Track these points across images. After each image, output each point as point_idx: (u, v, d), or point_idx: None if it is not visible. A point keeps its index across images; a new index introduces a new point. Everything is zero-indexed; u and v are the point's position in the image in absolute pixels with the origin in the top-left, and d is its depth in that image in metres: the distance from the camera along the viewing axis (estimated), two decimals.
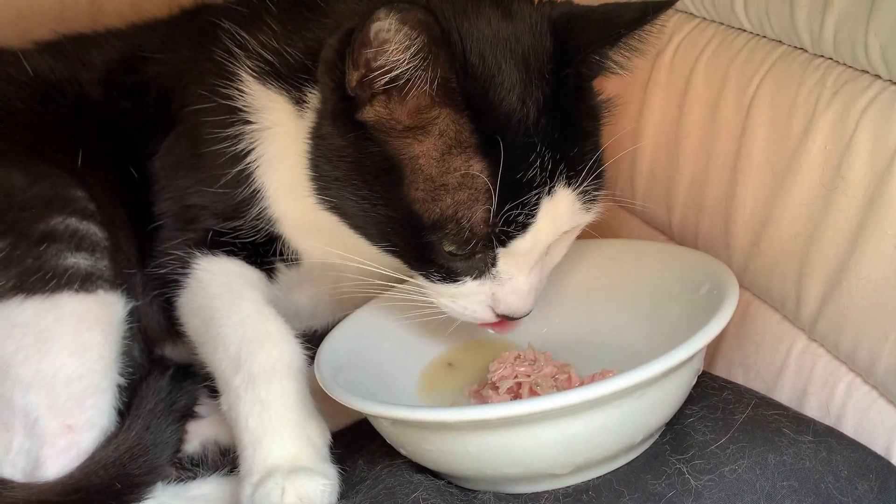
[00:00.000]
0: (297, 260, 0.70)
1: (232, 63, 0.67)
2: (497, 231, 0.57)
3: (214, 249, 0.68)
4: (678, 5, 0.76)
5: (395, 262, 0.62)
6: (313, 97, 0.63)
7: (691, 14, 0.75)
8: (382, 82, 0.55)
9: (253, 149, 0.67)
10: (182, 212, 0.70)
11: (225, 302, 0.64)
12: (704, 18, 0.74)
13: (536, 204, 0.57)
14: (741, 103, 0.68)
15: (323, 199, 0.61)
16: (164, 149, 0.71)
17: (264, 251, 0.69)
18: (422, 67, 0.54)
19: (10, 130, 0.68)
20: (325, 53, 0.58)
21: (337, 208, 0.61)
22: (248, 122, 0.67)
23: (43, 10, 0.92)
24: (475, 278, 0.60)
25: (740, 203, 0.68)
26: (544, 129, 0.57)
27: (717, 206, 0.71)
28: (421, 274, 0.61)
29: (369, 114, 0.57)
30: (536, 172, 0.56)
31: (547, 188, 0.57)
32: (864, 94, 0.58)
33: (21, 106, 0.70)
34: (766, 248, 0.66)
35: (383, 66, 0.54)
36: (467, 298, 0.61)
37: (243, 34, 0.66)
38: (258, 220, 0.67)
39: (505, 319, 0.62)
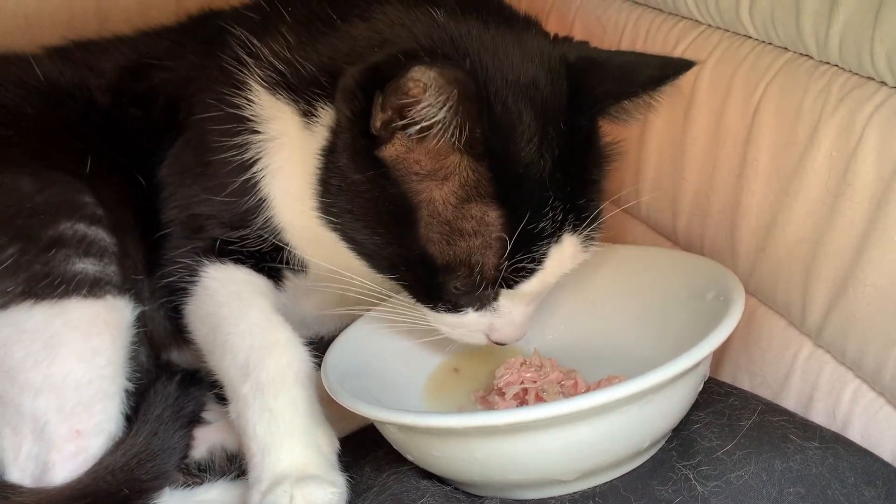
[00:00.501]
0: (304, 268, 0.71)
1: (241, 71, 0.67)
2: (505, 276, 0.58)
3: (222, 257, 0.68)
4: (683, 12, 0.76)
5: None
6: (325, 113, 0.63)
7: (696, 21, 0.75)
8: (410, 132, 0.55)
9: (259, 158, 0.67)
10: (189, 220, 0.70)
11: (233, 310, 0.64)
12: (709, 25, 0.74)
13: (545, 253, 0.58)
14: (747, 110, 0.68)
15: (329, 221, 0.61)
16: (171, 157, 0.71)
17: (271, 259, 0.69)
18: (451, 120, 0.54)
19: (19, 136, 0.69)
20: (344, 82, 0.58)
21: (344, 234, 0.61)
22: (256, 132, 0.67)
23: (51, 16, 0.92)
24: (477, 310, 0.61)
25: (746, 209, 0.68)
26: (558, 182, 0.57)
27: (723, 212, 0.71)
28: (426, 306, 0.62)
29: (389, 151, 0.57)
30: (548, 224, 0.57)
31: (556, 237, 0.58)
32: (870, 101, 0.58)
33: (31, 111, 0.71)
34: (771, 255, 0.66)
35: (412, 116, 0.54)
36: (466, 328, 0.63)
37: (255, 42, 0.66)
38: (264, 228, 0.68)
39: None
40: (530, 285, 0.59)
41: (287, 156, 0.66)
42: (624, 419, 0.53)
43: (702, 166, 0.73)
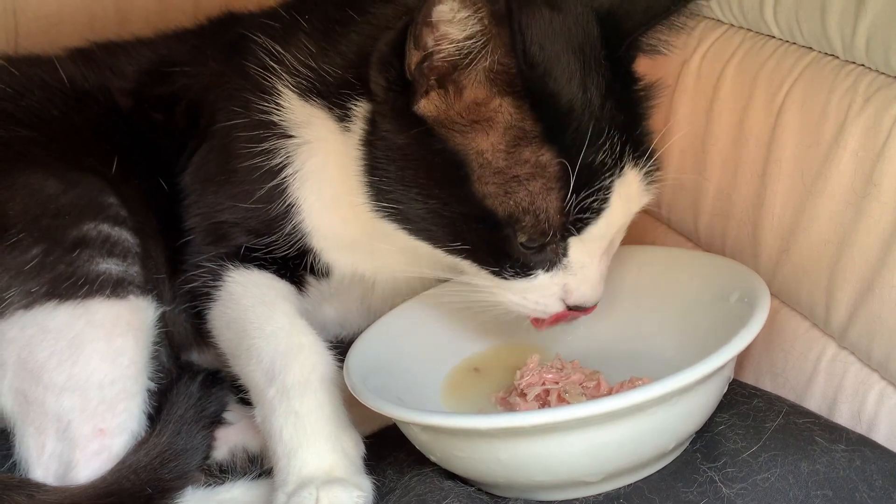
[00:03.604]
0: (327, 273, 0.71)
1: (269, 78, 0.67)
2: (573, 219, 0.57)
3: (246, 263, 0.68)
4: (706, 12, 0.75)
5: (443, 260, 0.61)
6: (359, 108, 0.63)
7: (719, 21, 0.75)
8: (441, 56, 0.55)
9: (289, 163, 0.66)
10: (213, 228, 0.70)
11: (258, 314, 0.64)
12: (732, 25, 0.74)
13: (609, 188, 0.57)
14: (770, 109, 0.67)
15: (381, 206, 0.60)
16: (194, 164, 0.71)
17: (294, 265, 0.69)
18: (480, 48, 0.54)
19: (45, 137, 0.69)
20: (378, 53, 0.58)
21: (398, 214, 0.60)
22: (287, 137, 0.66)
23: (72, 17, 0.93)
24: (547, 270, 0.59)
25: (769, 210, 0.68)
26: (610, 113, 0.57)
27: (745, 212, 0.70)
28: (492, 271, 0.60)
29: (427, 108, 0.57)
30: (607, 155, 0.56)
31: (618, 170, 0.57)
32: None
33: (55, 113, 0.71)
34: (795, 256, 0.66)
35: (443, 42, 0.54)
36: (539, 292, 0.60)
37: (279, 49, 0.66)
38: (291, 234, 0.67)
39: (574, 311, 0.61)
40: (599, 227, 0.58)
41: (320, 160, 0.66)
42: (650, 421, 0.53)
43: (724, 166, 0.73)
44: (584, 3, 0.60)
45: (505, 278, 0.59)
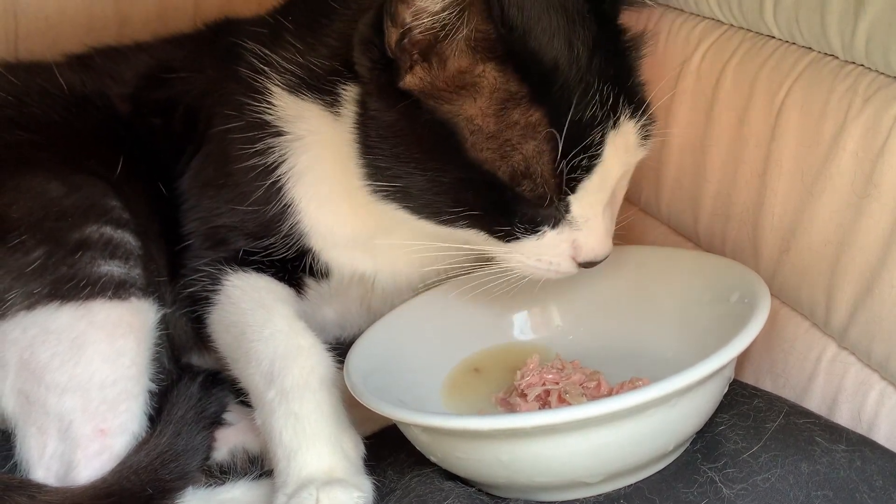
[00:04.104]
0: (326, 274, 0.71)
1: (260, 79, 0.67)
2: (567, 177, 0.57)
3: (244, 266, 0.68)
4: (705, 12, 0.75)
5: (453, 234, 0.61)
6: (348, 92, 0.63)
7: (719, 21, 0.75)
8: (420, 30, 0.55)
9: (283, 161, 0.67)
10: (211, 233, 0.70)
11: (257, 317, 0.65)
12: (732, 25, 0.74)
13: (601, 141, 0.57)
14: (770, 110, 0.67)
15: (381, 185, 0.60)
16: (192, 169, 0.72)
17: (293, 267, 0.69)
18: (456, 17, 0.54)
19: (47, 141, 0.70)
20: (358, 34, 0.58)
21: (399, 191, 0.60)
22: (280, 134, 0.67)
23: (71, 19, 0.93)
24: (553, 227, 0.59)
25: (769, 210, 0.68)
26: (599, 67, 0.57)
27: (745, 213, 0.71)
28: (503, 232, 0.59)
29: (412, 81, 0.57)
30: (597, 109, 0.56)
31: (612, 121, 0.57)
32: None
33: (57, 118, 0.72)
34: (795, 256, 0.66)
35: (419, 18, 0.54)
36: (550, 251, 0.60)
37: (267, 52, 0.67)
38: (289, 235, 0.68)
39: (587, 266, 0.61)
40: (594, 181, 0.57)
41: (315, 155, 0.67)
42: (650, 422, 0.53)
43: (724, 166, 0.73)
44: None
45: (515, 237, 0.59)
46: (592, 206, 0.59)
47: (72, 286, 0.63)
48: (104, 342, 0.63)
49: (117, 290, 0.64)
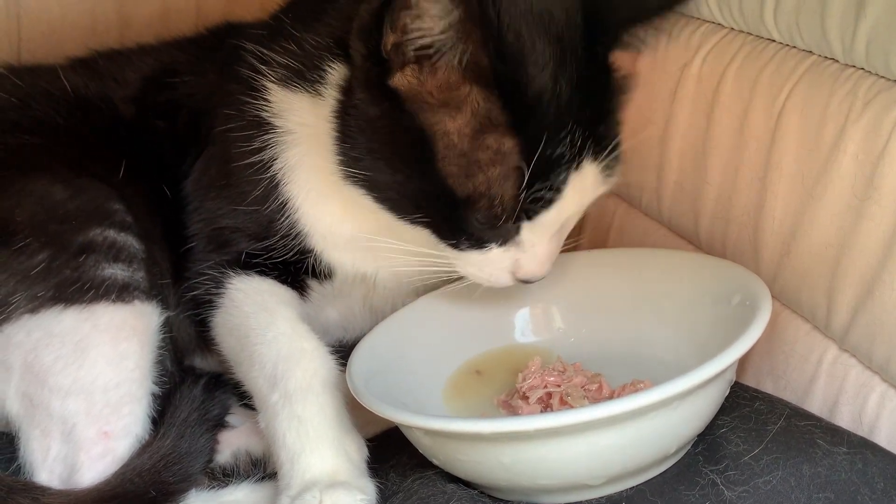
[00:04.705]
0: (330, 275, 0.71)
1: (257, 77, 0.68)
2: (526, 207, 0.58)
3: (248, 269, 0.69)
4: (706, 16, 0.76)
5: (423, 239, 0.62)
6: (334, 73, 0.63)
7: (719, 24, 0.75)
8: (414, 47, 0.56)
9: (277, 157, 0.67)
10: (215, 234, 0.70)
11: (260, 320, 0.65)
12: (732, 29, 0.74)
13: (565, 180, 0.58)
14: (770, 113, 0.68)
15: (351, 172, 0.61)
16: (196, 171, 0.72)
17: (295, 269, 0.70)
18: (453, 40, 0.55)
19: (51, 144, 0.70)
20: (360, 20, 0.58)
21: (366, 181, 0.61)
22: (273, 128, 0.67)
23: (74, 23, 0.93)
24: (500, 245, 0.61)
25: (769, 213, 0.68)
26: (576, 107, 0.57)
27: (746, 215, 0.71)
28: (450, 243, 0.61)
29: (401, 81, 0.57)
30: (566, 149, 0.57)
31: (575, 164, 0.58)
32: None
33: (61, 121, 0.72)
34: (796, 259, 0.66)
35: (418, 33, 0.55)
36: (492, 265, 0.62)
37: (265, 51, 0.68)
38: (289, 234, 0.68)
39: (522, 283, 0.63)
40: (550, 215, 0.59)
41: (305, 148, 0.67)
42: (652, 424, 0.53)
43: (724, 169, 0.73)
44: None
45: (461, 250, 0.61)
46: (542, 233, 0.61)
47: (76, 289, 0.63)
48: (108, 345, 0.63)
49: (121, 293, 0.64)
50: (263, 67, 0.67)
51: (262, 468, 0.68)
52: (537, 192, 0.57)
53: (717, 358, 0.54)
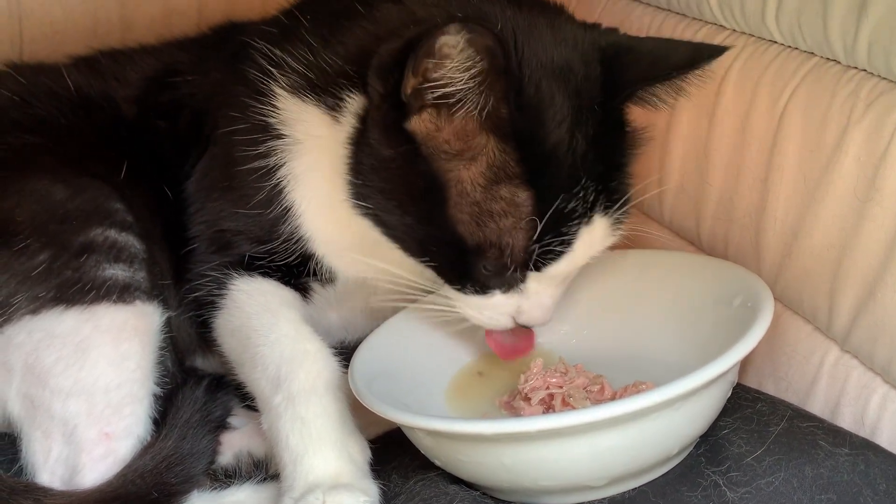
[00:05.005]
0: (331, 279, 0.71)
1: (266, 81, 0.67)
2: (534, 259, 0.58)
3: (250, 271, 0.69)
4: (708, 17, 0.76)
5: (424, 272, 0.63)
6: (352, 102, 0.63)
7: (721, 26, 0.75)
8: (435, 95, 0.56)
9: (284, 163, 0.67)
10: (217, 236, 0.70)
11: (263, 322, 0.65)
12: (734, 30, 0.74)
13: (575, 234, 0.58)
14: (772, 115, 0.68)
15: (361, 205, 0.62)
16: (198, 172, 0.72)
17: (298, 272, 0.70)
18: (475, 91, 0.55)
19: (52, 144, 0.70)
20: (380, 58, 0.58)
21: (375, 217, 0.62)
22: (280, 136, 0.67)
23: (76, 24, 0.93)
24: (504, 292, 0.61)
25: (771, 214, 0.68)
26: (591, 162, 0.58)
27: (748, 217, 0.71)
28: (454, 287, 0.62)
29: (418, 125, 0.58)
30: (579, 204, 0.57)
31: (587, 218, 0.58)
32: None
33: (62, 121, 0.72)
34: (797, 260, 0.66)
35: (439, 80, 0.55)
36: (493, 309, 0.62)
37: (277, 52, 0.67)
38: (290, 239, 0.68)
39: (521, 328, 0.64)
40: (559, 267, 0.59)
41: (313, 159, 0.67)
42: (654, 425, 0.53)
43: (726, 171, 0.73)
44: (592, 41, 0.61)
45: (464, 294, 0.62)
46: (548, 283, 0.61)
47: (76, 290, 0.63)
48: (109, 346, 0.63)
49: (122, 293, 0.64)
50: (273, 70, 0.67)
51: (264, 469, 0.68)
52: (548, 245, 0.58)
53: (719, 359, 0.54)
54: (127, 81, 0.76)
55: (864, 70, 0.62)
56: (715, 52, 0.61)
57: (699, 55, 0.60)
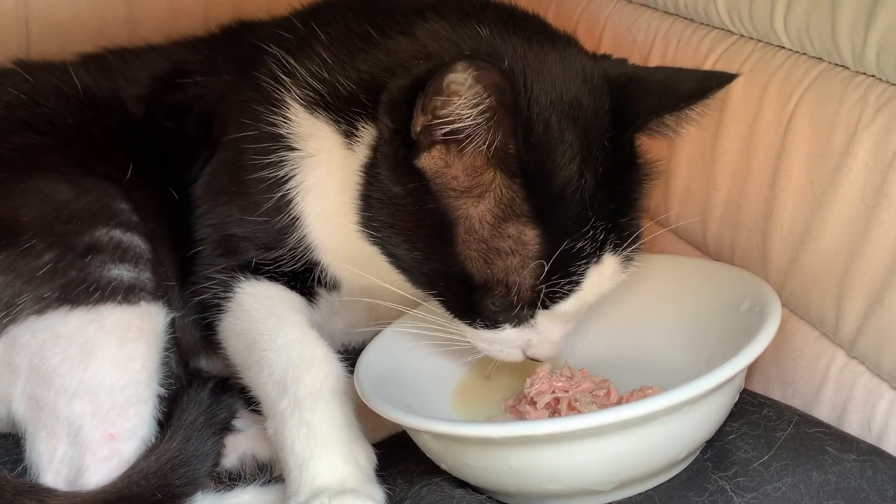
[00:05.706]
0: (336, 286, 0.71)
1: (279, 91, 0.67)
2: (543, 298, 0.58)
3: (257, 275, 0.68)
4: (716, 22, 0.76)
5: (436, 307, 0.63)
6: (366, 132, 0.63)
7: (729, 31, 0.75)
8: (444, 131, 0.55)
9: (294, 175, 0.67)
10: (223, 241, 0.70)
11: (269, 326, 0.65)
12: (742, 35, 0.74)
13: (584, 273, 0.58)
14: (780, 120, 0.68)
15: (370, 235, 0.62)
16: (205, 175, 0.72)
17: (304, 278, 0.69)
18: (484, 127, 0.54)
19: (58, 143, 0.70)
20: (389, 94, 0.58)
21: (384, 248, 0.62)
22: (292, 149, 0.67)
23: (83, 24, 0.94)
24: (514, 326, 0.61)
25: (778, 220, 0.68)
26: (601, 201, 0.57)
27: (755, 222, 0.71)
28: (464, 321, 0.62)
29: (427, 162, 0.57)
30: (588, 244, 0.57)
31: (596, 257, 0.58)
32: None
33: (69, 120, 0.71)
34: (804, 266, 0.66)
35: (448, 117, 0.55)
36: (503, 343, 0.62)
37: (292, 62, 0.67)
38: (297, 247, 0.68)
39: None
40: (567, 305, 0.59)
41: (324, 173, 0.67)
42: (661, 430, 0.53)
43: (733, 176, 0.73)
44: (601, 72, 0.60)
45: (474, 328, 0.62)
46: (558, 320, 0.61)
47: (82, 290, 0.63)
48: (114, 346, 0.63)
49: (127, 294, 0.64)
50: (287, 80, 0.67)
51: (268, 472, 0.68)
52: (555, 285, 0.57)
53: (726, 364, 0.54)
54: (135, 80, 0.76)
55: (873, 76, 0.62)
56: (724, 79, 0.61)
57: (708, 84, 0.60)
